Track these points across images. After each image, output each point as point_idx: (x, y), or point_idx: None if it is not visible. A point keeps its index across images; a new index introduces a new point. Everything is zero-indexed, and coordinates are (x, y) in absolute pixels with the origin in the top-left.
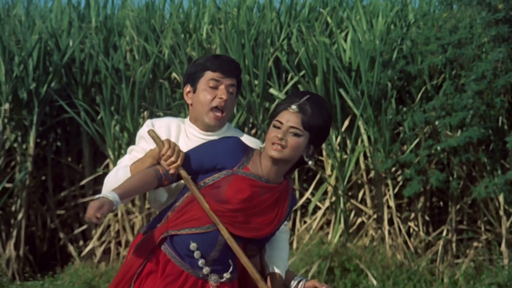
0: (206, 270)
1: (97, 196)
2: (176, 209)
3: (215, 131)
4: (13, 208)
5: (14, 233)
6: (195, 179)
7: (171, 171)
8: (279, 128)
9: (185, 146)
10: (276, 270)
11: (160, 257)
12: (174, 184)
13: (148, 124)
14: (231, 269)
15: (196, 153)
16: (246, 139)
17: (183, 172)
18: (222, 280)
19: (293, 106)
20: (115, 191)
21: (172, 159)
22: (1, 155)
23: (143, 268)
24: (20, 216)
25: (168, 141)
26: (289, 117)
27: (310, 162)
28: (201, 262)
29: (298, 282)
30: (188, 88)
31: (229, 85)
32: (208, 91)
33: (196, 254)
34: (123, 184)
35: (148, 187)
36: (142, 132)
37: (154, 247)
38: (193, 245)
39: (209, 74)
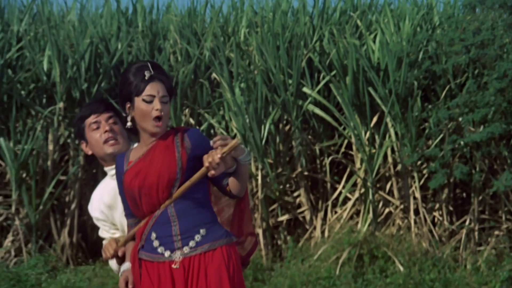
0: (166, 254)
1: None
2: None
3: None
4: (67, 199)
5: (68, 222)
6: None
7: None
8: (151, 102)
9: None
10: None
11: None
12: None
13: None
14: (196, 239)
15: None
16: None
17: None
18: (186, 252)
19: (147, 73)
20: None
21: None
22: (56, 150)
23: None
24: (73, 206)
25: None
26: (154, 88)
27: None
28: (160, 249)
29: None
30: (83, 144)
31: (108, 118)
32: (96, 132)
33: (155, 243)
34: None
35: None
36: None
37: (138, 259)
38: (152, 235)
39: (87, 121)
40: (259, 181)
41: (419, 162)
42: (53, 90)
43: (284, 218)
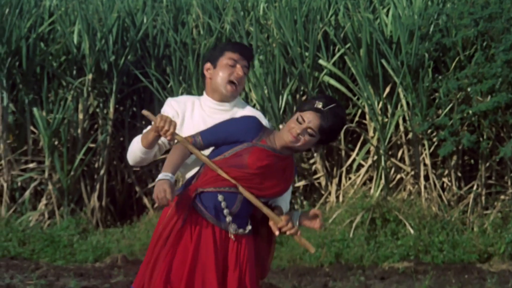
0: (228, 219)
1: (157, 180)
2: (202, 173)
3: (228, 102)
4: (96, 165)
5: (97, 187)
6: (218, 150)
7: (168, 138)
8: (300, 123)
9: (200, 117)
10: (279, 204)
11: (190, 214)
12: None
13: (167, 103)
14: (248, 226)
15: (221, 127)
16: (250, 110)
17: (178, 137)
18: (240, 231)
19: (317, 103)
20: (167, 170)
21: (166, 128)
22: (85, 119)
23: (175, 225)
24: (102, 172)
25: (160, 115)
26: (312, 119)
27: (313, 149)
28: (226, 211)
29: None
30: (208, 65)
31: (244, 66)
32: (227, 68)
33: (223, 204)
34: (169, 162)
35: (186, 157)
36: (163, 110)
37: (188, 205)
38: (220, 196)
39: (228, 54)
40: None
41: (429, 131)
42: (83, 62)
43: (301, 184)
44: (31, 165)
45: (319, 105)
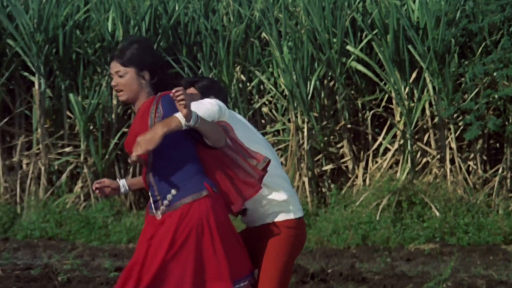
0: (153, 208)
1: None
2: None
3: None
4: None
5: (131, 170)
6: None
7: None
8: (112, 78)
9: None
10: None
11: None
12: None
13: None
14: (167, 199)
15: None
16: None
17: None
18: (162, 210)
19: (110, 58)
20: (127, 180)
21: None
22: (119, 104)
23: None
24: None
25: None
26: (111, 66)
27: (147, 88)
28: (152, 205)
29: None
30: None
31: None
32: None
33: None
34: (137, 178)
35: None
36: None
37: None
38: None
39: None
40: (305, 134)
41: (455, 115)
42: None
43: (328, 167)
44: (67, 149)
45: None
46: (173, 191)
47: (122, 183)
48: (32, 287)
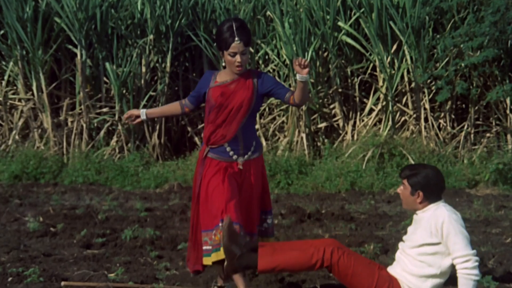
0: (235, 157)
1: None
2: (206, 135)
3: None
4: None
5: (157, 127)
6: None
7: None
8: (234, 56)
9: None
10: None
11: (207, 161)
12: None
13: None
14: (251, 150)
15: (196, 88)
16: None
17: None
18: (246, 158)
19: (236, 39)
20: (147, 111)
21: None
22: (147, 72)
23: (202, 171)
24: None
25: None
26: (236, 46)
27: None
28: (231, 153)
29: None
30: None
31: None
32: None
33: (228, 149)
34: (157, 109)
35: (174, 112)
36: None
37: (204, 157)
38: (226, 144)
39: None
40: None
41: (428, 80)
42: (145, 25)
43: (322, 125)
44: (104, 110)
45: (232, 36)
46: (254, 144)
47: (142, 112)
48: (77, 224)
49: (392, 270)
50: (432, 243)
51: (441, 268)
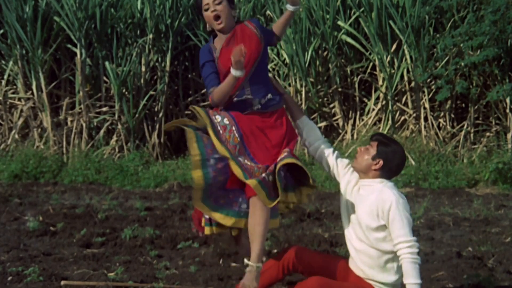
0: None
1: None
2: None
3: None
4: (155, 109)
5: (157, 126)
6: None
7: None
8: (208, 9)
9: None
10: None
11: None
12: None
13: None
14: (268, 96)
15: (205, 71)
16: None
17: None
18: (262, 101)
19: None
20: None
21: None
22: (147, 71)
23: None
24: (160, 114)
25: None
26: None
27: (233, 13)
28: (247, 93)
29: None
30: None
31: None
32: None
33: (246, 97)
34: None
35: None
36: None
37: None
38: (246, 96)
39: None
40: (303, 96)
41: (428, 80)
42: (145, 25)
43: (322, 124)
44: (104, 109)
45: None
46: (268, 96)
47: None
48: (76, 223)
49: (353, 267)
50: (379, 225)
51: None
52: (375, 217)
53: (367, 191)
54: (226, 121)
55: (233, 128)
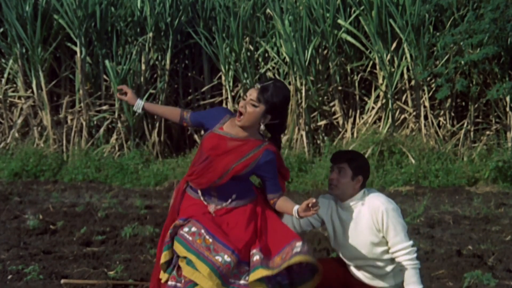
0: (208, 203)
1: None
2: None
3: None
4: None
5: (157, 125)
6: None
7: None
8: (244, 100)
9: None
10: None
11: (186, 196)
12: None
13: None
14: (229, 201)
15: (204, 112)
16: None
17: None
18: (218, 207)
19: (257, 84)
20: (146, 104)
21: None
22: (147, 69)
23: (180, 203)
24: None
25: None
26: (251, 92)
27: (261, 127)
28: (203, 198)
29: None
30: None
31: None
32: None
33: (201, 197)
34: (157, 106)
35: (171, 118)
36: None
37: (183, 191)
38: (199, 192)
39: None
40: (303, 94)
41: (428, 78)
42: (145, 23)
43: (322, 122)
44: (104, 107)
45: (258, 82)
46: (228, 202)
47: (139, 102)
48: (76, 221)
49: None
50: (381, 239)
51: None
52: (375, 231)
53: (355, 210)
54: (193, 229)
55: (202, 231)
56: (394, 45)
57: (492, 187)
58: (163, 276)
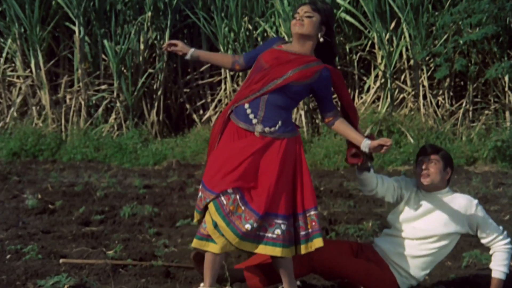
0: (254, 121)
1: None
2: (236, 93)
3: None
4: (154, 87)
5: (156, 104)
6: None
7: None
8: (295, 18)
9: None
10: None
11: (229, 124)
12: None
13: None
14: (276, 127)
15: (256, 48)
16: None
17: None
18: (266, 129)
19: (305, 2)
20: (198, 51)
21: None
22: (146, 49)
23: (222, 132)
24: (159, 92)
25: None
26: (302, 8)
27: (321, 39)
28: (251, 116)
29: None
30: None
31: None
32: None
33: (248, 111)
34: (209, 53)
35: (223, 63)
36: None
37: (226, 118)
38: (246, 105)
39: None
40: None
41: (427, 58)
42: (143, 2)
43: None
44: (103, 87)
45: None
46: (276, 128)
47: (192, 52)
48: (75, 201)
49: (384, 250)
50: (454, 232)
51: (442, 256)
52: (463, 223)
53: (441, 202)
54: (229, 190)
55: (237, 197)
56: (393, 24)
57: (491, 166)
58: (196, 215)
